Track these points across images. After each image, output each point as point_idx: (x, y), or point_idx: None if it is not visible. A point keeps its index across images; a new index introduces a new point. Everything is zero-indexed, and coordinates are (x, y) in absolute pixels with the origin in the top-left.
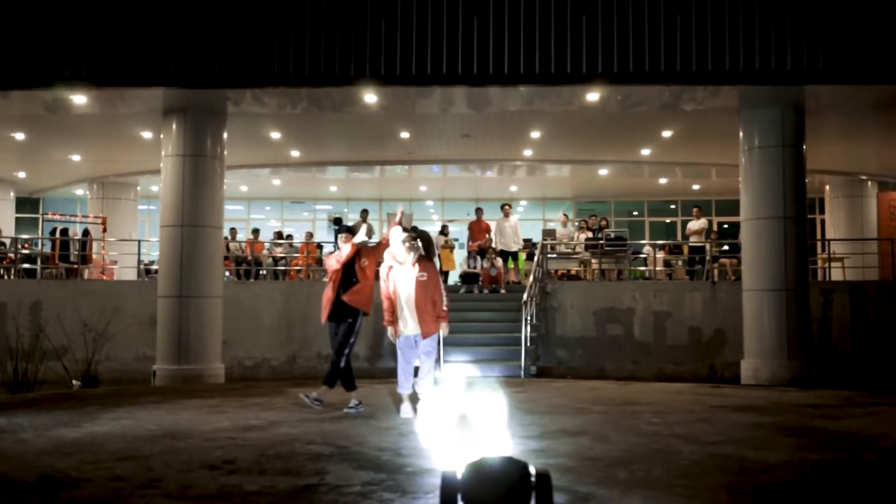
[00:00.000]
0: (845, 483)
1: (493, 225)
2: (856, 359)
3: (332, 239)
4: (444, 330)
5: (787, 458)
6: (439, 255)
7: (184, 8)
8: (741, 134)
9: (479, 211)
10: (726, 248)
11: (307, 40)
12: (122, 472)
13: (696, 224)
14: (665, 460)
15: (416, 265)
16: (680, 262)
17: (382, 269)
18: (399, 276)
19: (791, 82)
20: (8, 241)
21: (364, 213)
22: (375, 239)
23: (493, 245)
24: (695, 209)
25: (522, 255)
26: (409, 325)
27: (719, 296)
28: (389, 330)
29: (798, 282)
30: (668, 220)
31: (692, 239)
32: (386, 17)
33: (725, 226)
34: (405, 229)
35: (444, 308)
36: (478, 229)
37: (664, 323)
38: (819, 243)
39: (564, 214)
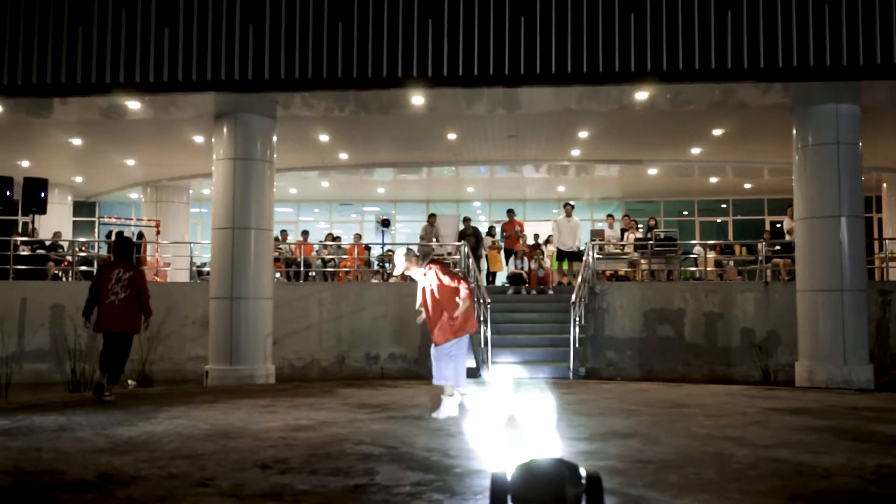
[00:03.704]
0: None
1: (540, 225)
2: None
3: (381, 240)
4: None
5: (845, 463)
6: (486, 256)
7: (233, 13)
8: (794, 131)
9: (510, 212)
10: (779, 247)
11: (355, 43)
12: (177, 470)
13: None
14: (717, 464)
15: (427, 275)
16: (731, 263)
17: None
18: (418, 287)
19: (847, 78)
20: (66, 244)
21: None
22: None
23: (553, 244)
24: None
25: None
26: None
27: (772, 296)
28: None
29: (854, 282)
30: (719, 220)
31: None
32: (433, 18)
33: (778, 225)
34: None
35: (454, 316)
36: (510, 230)
37: (715, 324)
38: (876, 242)
39: (610, 216)
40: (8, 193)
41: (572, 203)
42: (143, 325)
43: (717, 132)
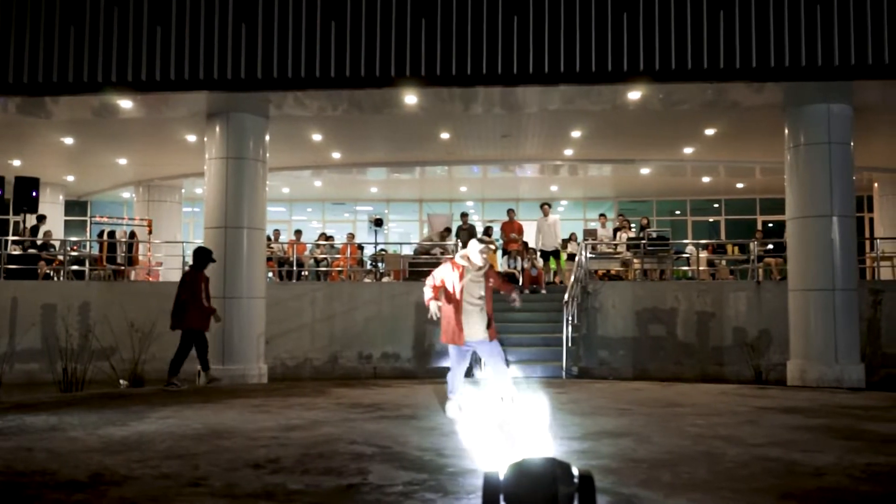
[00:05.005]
0: None
1: (533, 225)
2: None
3: (373, 240)
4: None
5: (836, 461)
6: None
7: (226, 12)
8: (787, 131)
9: (510, 212)
10: (771, 246)
11: (348, 42)
12: (169, 470)
13: None
14: (710, 462)
15: (484, 265)
16: (723, 262)
17: (445, 267)
18: (470, 280)
19: (838, 78)
20: (57, 244)
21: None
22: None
23: (534, 245)
24: None
25: (564, 256)
26: (473, 329)
27: (764, 296)
28: (433, 306)
29: (846, 281)
30: (711, 219)
31: None
32: (426, 17)
33: (770, 224)
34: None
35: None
36: (510, 230)
37: (708, 323)
38: (867, 242)
39: (602, 215)
40: None
41: (549, 203)
42: (211, 320)
43: (710, 132)
